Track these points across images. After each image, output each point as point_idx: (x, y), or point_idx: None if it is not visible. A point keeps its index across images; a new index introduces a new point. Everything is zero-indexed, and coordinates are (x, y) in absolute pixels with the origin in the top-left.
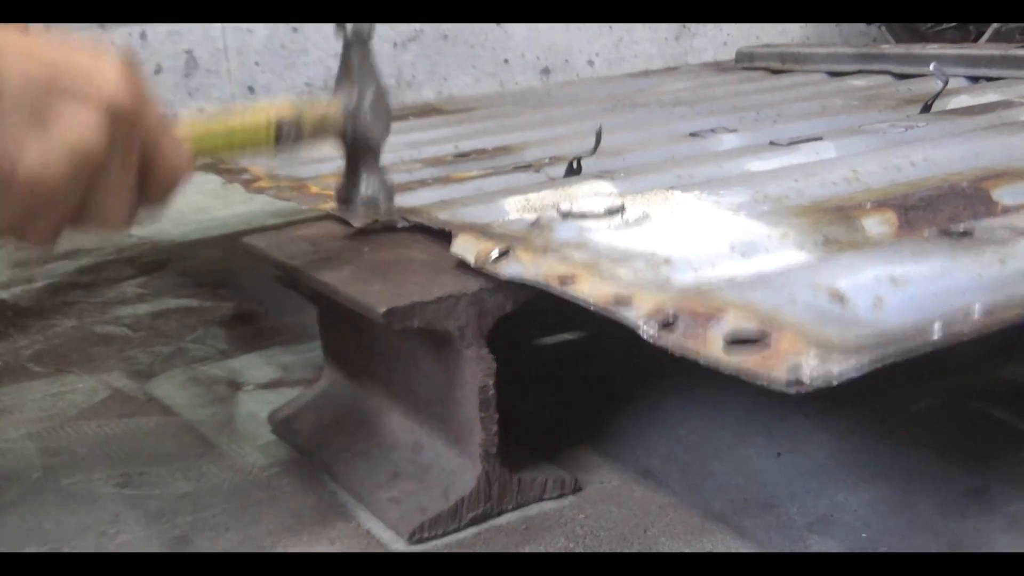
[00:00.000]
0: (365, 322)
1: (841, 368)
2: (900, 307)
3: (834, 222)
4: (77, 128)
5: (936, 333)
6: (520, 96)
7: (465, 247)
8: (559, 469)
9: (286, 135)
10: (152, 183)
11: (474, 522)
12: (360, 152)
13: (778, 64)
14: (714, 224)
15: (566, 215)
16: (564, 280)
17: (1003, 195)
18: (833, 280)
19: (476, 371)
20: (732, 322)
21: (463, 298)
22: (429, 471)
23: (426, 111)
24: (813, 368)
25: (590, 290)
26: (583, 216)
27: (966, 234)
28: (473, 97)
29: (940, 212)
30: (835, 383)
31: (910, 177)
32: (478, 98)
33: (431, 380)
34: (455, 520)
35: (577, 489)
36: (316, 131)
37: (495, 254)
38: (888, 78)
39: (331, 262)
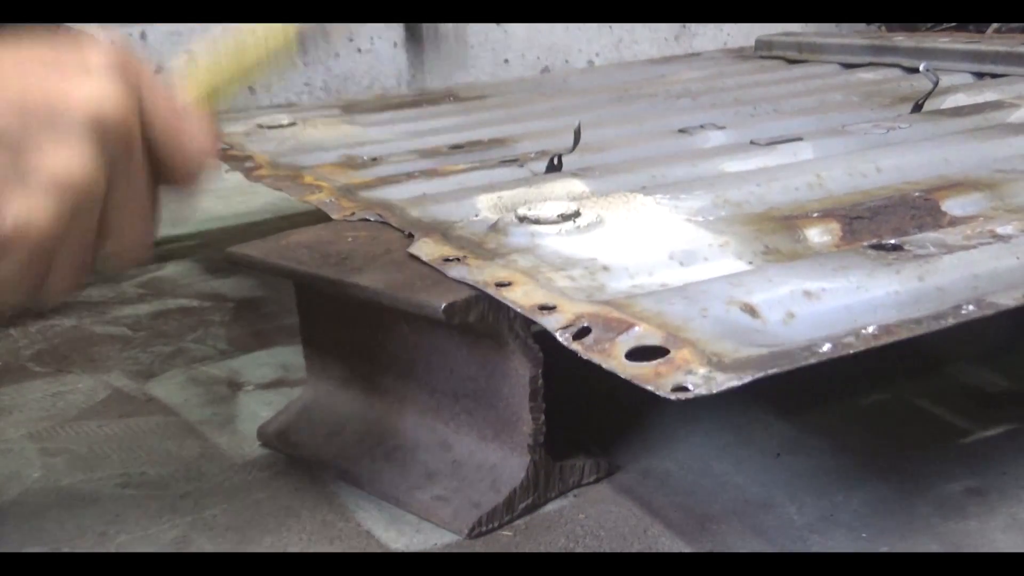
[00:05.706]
0: (375, 325)
1: (722, 382)
2: (810, 321)
3: (777, 231)
4: (60, 161)
5: (824, 349)
6: (537, 83)
7: (421, 249)
8: (592, 455)
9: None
10: (175, 175)
11: (525, 512)
12: None
13: (795, 53)
14: (662, 231)
15: (522, 219)
16: (500, 285)
17: (952, 206)
18: (749, 294)
19: (525, 362)
20: (639, 335)
21: None
22: (467, 467)
23: (442, 97)
24: (697, 382)
25: (520, 296)
26: (536, 221)
27: (896, 248)
28: (491, 83)
29: (885, 223)
30: (716, 391)
31: (872, 184)
32: (496, 84)
33: (462, 376)
34: (509, 512)
35: (611, 472)
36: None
37: (446, 257)
38: (898, 71)
39: (348, 265)
